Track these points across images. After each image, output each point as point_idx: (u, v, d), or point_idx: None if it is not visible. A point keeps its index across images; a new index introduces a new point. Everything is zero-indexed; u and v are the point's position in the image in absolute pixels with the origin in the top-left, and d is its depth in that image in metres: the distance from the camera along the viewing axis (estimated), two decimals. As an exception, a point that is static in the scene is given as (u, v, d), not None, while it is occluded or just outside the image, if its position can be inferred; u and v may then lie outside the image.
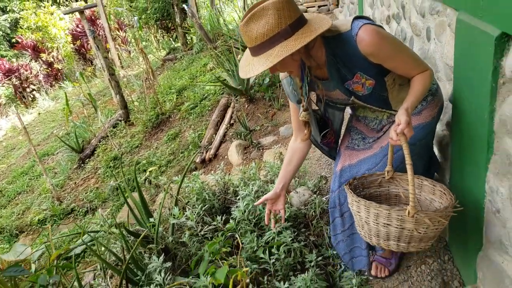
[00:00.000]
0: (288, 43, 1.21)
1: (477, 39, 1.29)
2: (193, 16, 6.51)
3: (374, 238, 1.39)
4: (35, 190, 5.21)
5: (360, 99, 1.50)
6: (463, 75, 1.46)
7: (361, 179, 1.61)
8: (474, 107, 1.37)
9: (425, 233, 1.28)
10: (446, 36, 1.68)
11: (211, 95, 5.21)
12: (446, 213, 1.29)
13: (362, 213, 1.37)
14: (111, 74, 5.64)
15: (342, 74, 1.43)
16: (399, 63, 1.40)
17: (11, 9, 23.46)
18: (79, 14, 9.01)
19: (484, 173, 1.33)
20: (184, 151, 4.33)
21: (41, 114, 10.03)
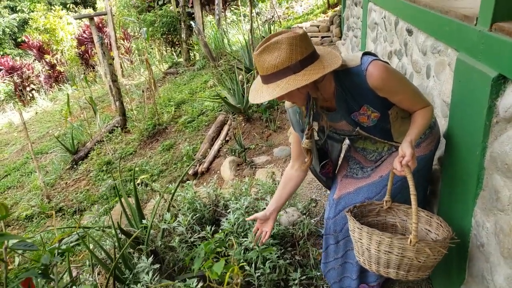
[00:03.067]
0: (296, 78, 1.28)
1: (475, 79, 1.38)
2: (199, 33, 6.70)
3: (374, 266, 1.42)
4: (25, 186, 5.21)
5: (365, 130, 1.57)
6: (459, 112, 1.55)
7: (360, 207, 1.65)
8: (467, 143, 1.44)
9: (425, 262, 1.33)
10: (445, 74, 1.79)
11: (209, 111, 5.33)
12: (445, 243, 1.34)
13: (364, 240, 1.41)
14: (114, 81, 5.75)
15: (350, 105, 1.50)
16: (404, 97, 1.48)
17: (21, 9, 23.75)
18: (89, 20, 9.22)
19: (472, 207, 1.39)
20: (178, 162, 4.40)
21: (38, 114, 10.06)
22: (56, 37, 12.70)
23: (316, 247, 2.37)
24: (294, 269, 2.09)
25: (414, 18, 2.31)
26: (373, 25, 3.67)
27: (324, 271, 1.90)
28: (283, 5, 11.59)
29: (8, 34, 24.10)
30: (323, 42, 6.87)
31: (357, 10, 4.81)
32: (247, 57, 5.71)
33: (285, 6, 11.28)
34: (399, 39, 2.65)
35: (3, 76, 13.18)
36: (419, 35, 2.21)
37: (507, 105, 1.22)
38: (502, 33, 1.26)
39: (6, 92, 13.52)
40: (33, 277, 1.02)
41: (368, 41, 3.93)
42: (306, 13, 9.59)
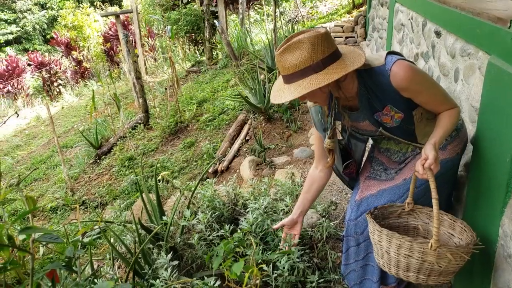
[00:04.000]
0: (318, 77, 1.28)
1: (508, 83, 1.33)
2: (223, 32, 6.73)
3: (394, 269, 1.40)
4: (50, 179, 5.36)
5: (388, 130, 1.54)
6: (489, 117, 1.50)
7: (381, 209, 1.63)
8: (497, 150, 1.40)
9: (446, 267, 1.29)
10: (475, 78, 1.73)
11: (230, 110, 5.35)
12: (468, 249, 1.30)
13: (384, 243, 1.39)
14: (138, 78, 5.84)
15: (373, 106, 1.48)
16: (429, 98, 1.45)
17: (51, 6, 24.46)
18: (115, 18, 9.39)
19: (500, 216, 1.35)
20: (198, 160, 4.44)
21: (64, 108, 10.34)
22: (83, 34, 13.02)
23: (335, 250, 2.35)
24: (312, 272, 2.07)
25: (443, 19, 2.25)
26: (399, 26, 3.60)
27: (344, 273, 1.88)
28: (307, 4, 11.53)
29: (38, 31, 24.89)
30: (347, 43, 6.80)
31: (383, 11, 4.74)
32: (270, 57, 5.70)
33: (309, 5, 11.21)
34: (427, 41, 2.59)
35: (32, 71, 13.60)
36: (448, 37, 2.15)
37: None
38: (538, 36, 1.22)
39: (35, 86, 13.96)
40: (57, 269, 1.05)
41: (394, 43, 3.86)
42: (330, 13, 9.51)
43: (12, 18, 24.10)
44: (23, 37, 24.54)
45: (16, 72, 12.98)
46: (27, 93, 13.02)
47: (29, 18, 24.19)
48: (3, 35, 23.34)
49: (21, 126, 9.55)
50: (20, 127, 9.48)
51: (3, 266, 0.87)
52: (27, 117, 10.23)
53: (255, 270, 1.16)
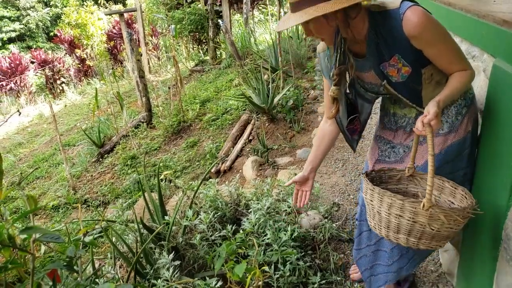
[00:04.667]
0: (325, 5, 1.24)
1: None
2: (227, 32, 6.72)
3: (384, 230, 1.34)
4: (52, 177, 5.36)
5: (392, 86, 1.46)
6: (493, 120, 1.48)
7: (379, 172, 1.56)
8: (501, 152, 1.38)
9: (438, 230, 1.22)
10: (480, 80, 1.73)
11: (233, 110, 5.34)
12: (464, 213, 1.22)
13: (375, 202, 1.32)
14: (141, 77, 5.84)
15: (380, 53, 1.40)
16: (441, 52, 1.36)
17: (54, 4, 24.53)
18: (119, 16, 9.41)
19: (503, 219, 1.33)
20: (201, 159, 4.44)
21: (67, 106, 10.35)
22: (86, 32, 13.03)
23: (337, 251, 2.34)
24: (313, 273, 2.07)
25: (448, 21, 2.24)
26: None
27: (355, 258, 1.85)
28: (311, 5, 11.49)
29: (41, 28, 24.96)
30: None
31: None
32: (274, 57, 5.69)
33: (313, 6, 11.17)
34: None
35: (35, 69, 13.63)
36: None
37: None
38: (544, 40, 1.21)
39: (38, 84, 14.00)
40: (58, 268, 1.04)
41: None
42: (334, 13, 9.47)
43: (16, 15, 24.17)
44: (26, 34, 24.61)
45: (19, 70, 13.00)
46: (30, 91, 13.05)
47: (32, 16, 24.26)
48: (6, 32, 23.41)
49: (24, 123, 9.57)
50: (22, 124, 9.50)
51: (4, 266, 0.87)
52: (29, 115, 10.25)
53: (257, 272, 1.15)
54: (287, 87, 4.72)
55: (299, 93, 4.73)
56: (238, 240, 1.90)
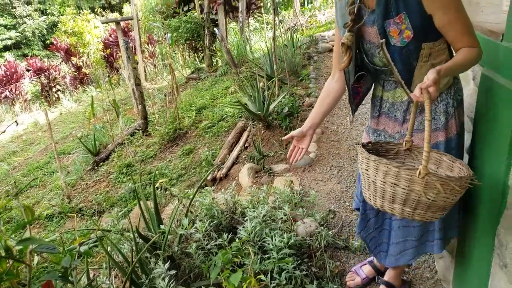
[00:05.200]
0: None
1: (500, 95, 1.35)
2: (223, 40, 6.75)
3: (379, 200, 1.31)
4: (47, 185, 5.33)
5: (389, 49, 1.43)
6: (483, 128, 1.52)
7: (376, 144, 1.53)
8: (491, 160, 1.41)
9: (434, 200, 1.19)
10: (470, 89, 1.75)
11: (229, 117, 5.35)
12: (460, 182, 1.19)
13: (370, 172, 1.30)
14: (137, 85, 5.84)
15: (389, 7, 1.37)
16: (453, 20, 1.33)
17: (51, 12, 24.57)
18: (115, 24, 9.43)
19: (495, 226, 1.35)
20: (197, 167, 4.42)
21: (62, 114, 10.32)
22: (83, 40, 13.06)
23: (333, 259, 2.34)
24: (310, 281, 2.06)
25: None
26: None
27: (366, 240, 1.86)
28: (306, 13, 11.60)
29: (38, 36, 24.96)
30: (345, 51, 6.82)
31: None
32: (269, 65, 5.72)
33: (308, 14, 11.28)
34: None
35: (31, 77, 13.60)
36: (445, 47, 2.18)
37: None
38: (529, 50, 1.23)
39: (33, 92, 13.97)
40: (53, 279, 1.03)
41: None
42: (329, 21, 9.57)
43: (12, 23, 24.16)
44: (22, 42, 24.59)
45: (15, 78, 12.97)
46: (25, 99, 13.00)
47: (28, 24, 24.27)
48: (2, 40, 23.39)
49: (18, 132, 9.52)
50: (17, 132, 9.45)
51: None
52: (24, 123, 10.21)
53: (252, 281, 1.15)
54: (283, 94, 4.74)
55: (294, 100, 4.75)
56: (234, 249, 1.90)
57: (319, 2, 11.85)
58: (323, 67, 6.20)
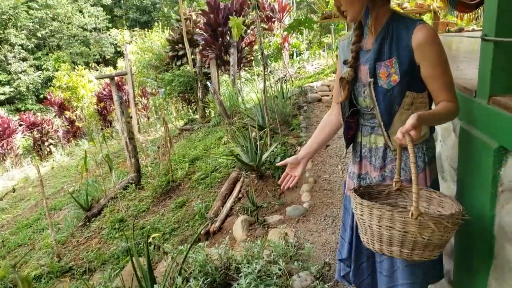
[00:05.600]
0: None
1: (478, 149, 1.41)
2: (215, 93, 6.94)
3: (377, 244, 1.33)
4: (36, 244, 5.19)
5: (375, 90, 1.49)
6: (466, 180, 1.56)
7: (367, 188, 1.56)
8: (476, 211, 1.43)
9: (430, 239, 1.22)
10: (451, 140, 1.82)
11: (222, 168, 5.37)
12: (452, 219, 1.22)
13: (365, 216, 1.32)
14: (131, 139, 5.90)
15: (382, 50, 1.46)
16: (436, 73, 1.41)
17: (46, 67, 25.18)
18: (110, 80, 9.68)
19: (486, 277, 1.36)
20: (190, 220, 4.37)
21: (54, 168, 10.26)
22: (77, 95, 13.30)
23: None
24: None
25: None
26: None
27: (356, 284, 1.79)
28: (295, 65, 12.05)
29: (32, 91, 25.38)
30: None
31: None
32: (260, 115, 5.85)
33: (297, 66, 11.72)
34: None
35: (23, 132, 13.67)
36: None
37: (510, 175, 1.25)
38: (499, 107, 1.32)
39: (25, 146, 13.97)
40: None
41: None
42: (317, 72, 9.93)
43: (6, 79, 24.62)
44: (16, 97, 24.93)
45: (7, 133, 13.01)
46: (16, 153, 12.97)
47: (23, 79, 24.75)
48: (-4, 96, 23.70)
49: (8, 187, 9.40)
50: (7, 189, 9.33)
51: None
52: (15, 178, 10.11)
53: None
54: (275, 144, 4.81)
55: (286, 149, 4.82)
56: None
57: (307, 54, 12.35)
58: (313, 116, 6.35)
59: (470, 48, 3.39)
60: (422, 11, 8.31)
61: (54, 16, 26.55)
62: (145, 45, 12.35)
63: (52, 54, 25.84)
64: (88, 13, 28.23)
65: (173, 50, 10.31)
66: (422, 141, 1.52)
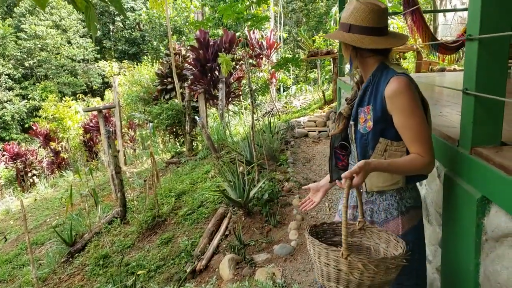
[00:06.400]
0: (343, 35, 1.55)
1: (462, 197, 1.47)
2: (203, 127, 7.02)
3: (320, 278, 1.41)
4: (16, 280, 5.03)
5: (354, 132, 1.60)
6: (451, 226, 1.61)
7: (332, 225, 1.65)
8: (461, 258, 1.48)
9: (361, 279, 1.27)
10: (436, 185, 1.87)
11: (209, 203, 5.36)
12: (382, 263, 1.26)
13: (311, 252, 1.42)
14: (117, 172, 5.88)
15: (364, 97, 1.58)
16: (405, 124, 1.45)
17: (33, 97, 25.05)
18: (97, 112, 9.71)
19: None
20: (176, 258, 4.32)
21: (37, 201, 10.04)
22: (63, 126, 13.22)
23: None
24: None
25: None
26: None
27: None
28: (282, 100, 12.30)
29: (17, 120, 25.10)
30: (320, 137, 7.18)
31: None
32: (248, 151, 5.92)
33: (284, 100, 11.96)
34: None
35: (6, 162, 13.43)
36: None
37: (493, 225, 1.30)
38: (481, 158, 1.39)
39: (7, 177, 13.67)
40: None
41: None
42: (303, 107, 10.15)
43: (-9, 109, 24.34)
44: (0, 126, 24.59)
45: (-10, 163, 12.78)
46: (-1, 184, 12.69)
47: (8, 108, 24.52)
48: (-20, 125, 23.34)
49: (-11, 220, 9.14)
50: (-13, 222, 9.06)
51: None
52: (-4, 210, 9.85)
53: None
54: (262, 180, 4.86)
55: (274, 185, 4.87)
56: None
57: (294, 89, 12.64)
58: (300, 151, 6.45)
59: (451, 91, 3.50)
60: (405, 50, 8.70)
61: (43, 46, 26.70)
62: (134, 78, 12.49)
63: (39, 84, 25.80)
64: (77, 44, 28.50)
65: (162, 84, 10.46)
66: (394, 188, 1.56)
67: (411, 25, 4.50)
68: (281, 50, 18.63)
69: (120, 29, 30.72)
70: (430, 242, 1.96)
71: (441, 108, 2.52)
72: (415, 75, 6.07)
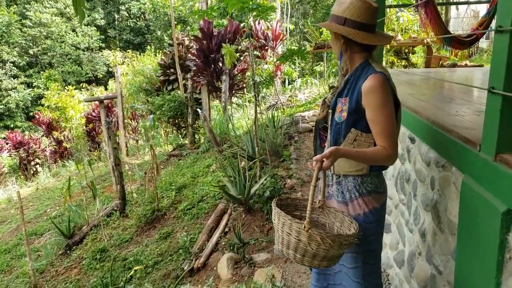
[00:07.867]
0: (336, 26, 1.64)
1: (483, 209, 1.32)
2: (206, 120, 6.89)
3: (280, 245, 1.58)
4: (13, 271, 4.96)
5: (331, 120, 1.75)
6: (469, 240, 1.46)
7: (294, 200, 1.87)
8: (479, 275, 1.34)
9: (317, 250, 1.45)
10: (451, 192, 1.71)
11: (209, 198, 5.25)
12: (337, 239, 1.44)
13: (276, 221, 1.59)
14: (117, 165, 5.77)
15: (346, 88, 1.69)
16: (375, 118, 1.58)
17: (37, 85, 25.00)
18: (99, 103, 9.60)
19: None
20: (174, 254, 4.22)
21: (38, 190, 10.00)
22: (66, 115, 13.14)
23: None
24: None
25: (416, 128, 2.33)
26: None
27: None
28: (286, 93, 12.11)
29: (21, 108, 25.09)
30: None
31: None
32: (250, 146, 5.78)
33: (289, 94, 11.78)
34: (401, 144, 2.62)
35: (10, 150, 13.40)
36: (421, 145, 2.20)
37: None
38: (507, 166, 1.23)
39: (11, 165, 13.66)
40: None
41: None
42: (308, 101, 9.97)
43: (-4, 97, 24.35)
44: (5, 114, 24.60)
45: (-7, 151, 12.75)
46: (1, 172, 12.66)
47: (13, 96, 24.50)
48: (-16, 113, 23.38)
49: (-9, 208, 9.11)
50: (-11, 209, 9.04)
51: None
52: (-3, 199, 9.83)
53: None
54: (264, 176, 4.73)
55: (276, 182, 4.73)
56: None
57: (299, 82, 12.45)
58: (303, 147, 6.30)
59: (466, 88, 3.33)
60: (415, 44, 8.49)
61: (48, 34, 26.56)
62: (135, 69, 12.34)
63: (43, 72, 25.72)
64: (81, 33, 28.32)
65: (165, 74, 10.30)
66: (357, 174, 1.71)
67: (424, 17, 4.31)
68: (287, 42, 18.39)
69: (125, 18, 30.49)
70: (441, 252, 1.83)
71: (457, 107, 2.35)
72: (425, 70, 5.87)
